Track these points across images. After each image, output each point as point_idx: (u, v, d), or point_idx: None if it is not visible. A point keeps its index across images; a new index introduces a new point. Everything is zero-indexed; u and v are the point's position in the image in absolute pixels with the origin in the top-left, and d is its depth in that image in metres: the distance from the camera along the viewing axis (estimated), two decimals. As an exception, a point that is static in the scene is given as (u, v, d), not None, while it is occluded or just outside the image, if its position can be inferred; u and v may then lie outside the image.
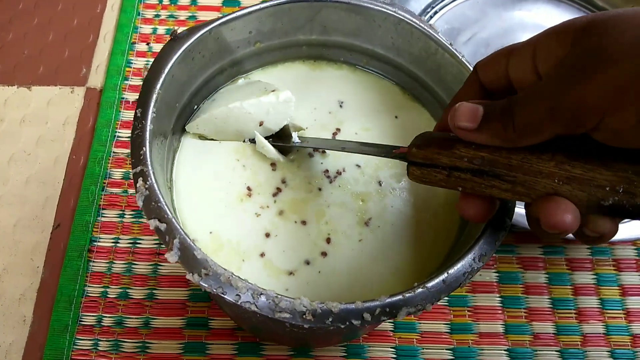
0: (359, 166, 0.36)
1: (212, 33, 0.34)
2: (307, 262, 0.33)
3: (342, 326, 0.25)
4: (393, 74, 0.39)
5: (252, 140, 0.36)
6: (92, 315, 0.42)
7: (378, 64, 0.39)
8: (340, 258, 0.33)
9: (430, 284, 0.26)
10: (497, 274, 0.45)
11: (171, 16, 0.56)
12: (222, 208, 0.34)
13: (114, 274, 0.44)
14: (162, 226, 0.27)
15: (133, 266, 0.44)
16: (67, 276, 0.43)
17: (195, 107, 0.37)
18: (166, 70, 0.31)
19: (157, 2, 0.57)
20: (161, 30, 0.55)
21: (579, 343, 0.43)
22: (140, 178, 0.28)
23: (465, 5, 0.56)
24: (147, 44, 0.54)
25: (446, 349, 0.42)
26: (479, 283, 0.44)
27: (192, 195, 0.34)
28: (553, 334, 0.43)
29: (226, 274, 0.26)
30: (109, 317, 0.42)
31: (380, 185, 0.35)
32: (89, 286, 0.43)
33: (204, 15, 0.56)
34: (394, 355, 0.41)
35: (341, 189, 0.35)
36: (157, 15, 0.56)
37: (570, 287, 0.45)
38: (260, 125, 0.35)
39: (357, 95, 0.39)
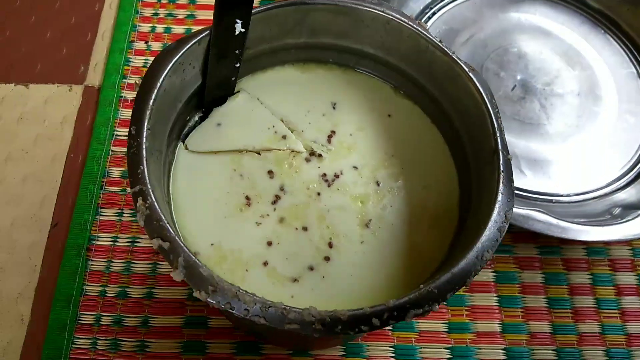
0: (356, 168, 0.36)
1: (201, 44, 0.33)
2: (311, 268, 0.32)
3: (352, 333, 0.25)
4: (383, 72, 0.39)
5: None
6: (91, 314, 0.42)
7: (368, 63, 0.39)
8: (344, 261, 0.33)
9: (435, 285, 0.26)
10: (494, 274, 0.45)
11: (170, 15, 0.56)
12: (222, 219, 0.33)
13: (112, 272, 0.43)
14: (166, 245, 0.27)
15: (132, 265, 0.44)
16: (66, 275, 0.43)
17: (188, 117, 0.36)
18: (158, 85, 0.31)
19: (156, 1, 0.57)
20: (160, 28, 0.55)
21: (575, 342, 0.43)
22: (140, 197, 0.27)
23: (463, 7, 0.56)
24: (146, 42, 0.54)
25: (444, 348, 0.42)
26: (476, 283, 0.44)
27: (191, 208, 0.33)
28: (549, 333, 0.43)
29: (233, 289, 0.26)
30: (108, 316, 0.42)
31: (379, 185, 0.35)
32: (87, 285, 0.43)
33: (202, 14, 0.56)
34: (393, 354, 0.42)
35: (340, 192, 0.35)
36: (156, 14, 0.56)
37: (566, 286, 0.45)
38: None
39: (350, 95, 0.39)
